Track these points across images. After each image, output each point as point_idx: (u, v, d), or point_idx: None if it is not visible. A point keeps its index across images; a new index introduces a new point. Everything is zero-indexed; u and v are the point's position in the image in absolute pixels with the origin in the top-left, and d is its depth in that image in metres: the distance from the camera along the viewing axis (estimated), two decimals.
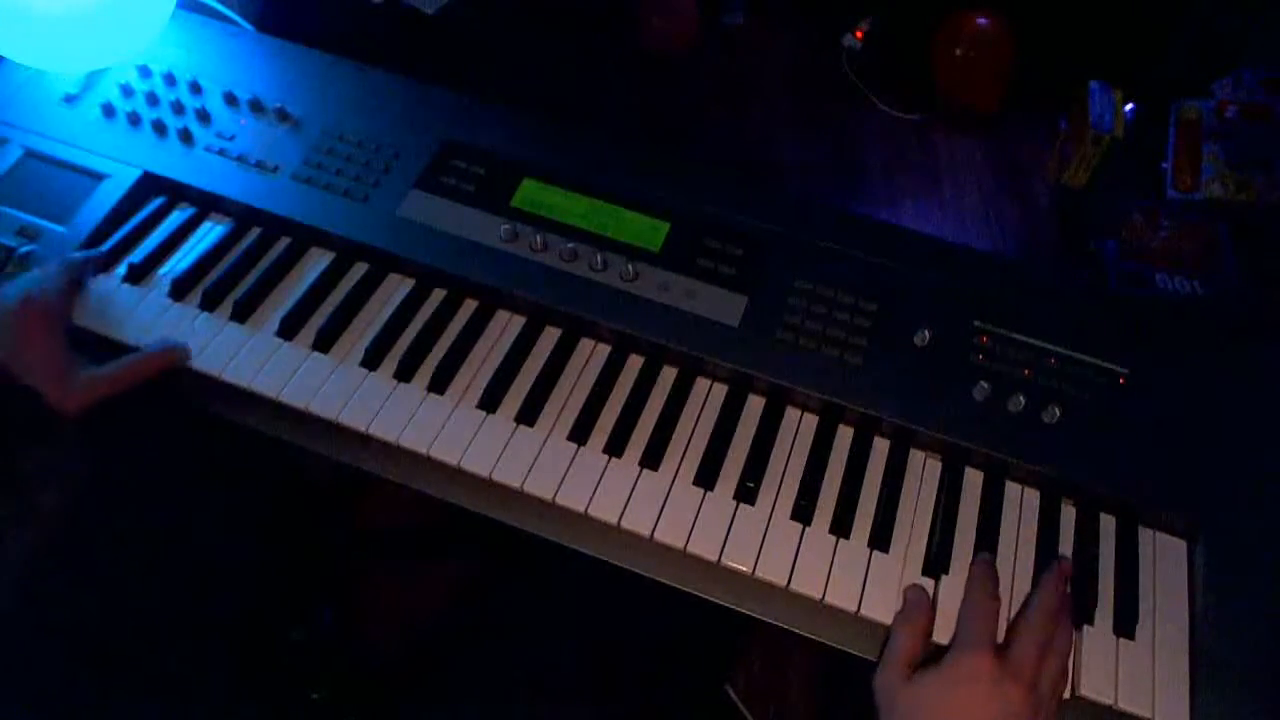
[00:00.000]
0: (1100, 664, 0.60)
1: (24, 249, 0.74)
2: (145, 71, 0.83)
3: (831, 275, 0.74)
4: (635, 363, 0.73)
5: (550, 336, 0.74)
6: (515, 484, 0.66)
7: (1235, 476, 0.65)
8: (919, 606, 0.61)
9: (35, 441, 0.64)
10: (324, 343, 0.72)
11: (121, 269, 0.74)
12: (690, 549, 0.64)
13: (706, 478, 0.67)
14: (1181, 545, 0.66)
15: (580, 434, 0.68)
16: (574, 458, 0.67)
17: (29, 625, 0.68)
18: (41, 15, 0.75)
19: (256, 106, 0.82)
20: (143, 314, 0.72)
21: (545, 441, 0.68)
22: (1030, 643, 0.57)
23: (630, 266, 0.73)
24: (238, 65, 0.85)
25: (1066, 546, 0.66)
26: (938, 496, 0.68)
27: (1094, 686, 0.59)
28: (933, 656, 0.59)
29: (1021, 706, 0.55)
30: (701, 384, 0.72)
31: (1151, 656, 0.60)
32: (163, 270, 0.75)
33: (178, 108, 0.81)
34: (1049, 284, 0.74)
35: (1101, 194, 0.91)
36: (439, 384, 0.70)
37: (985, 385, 0.68)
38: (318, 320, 0.73)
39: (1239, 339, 0.72)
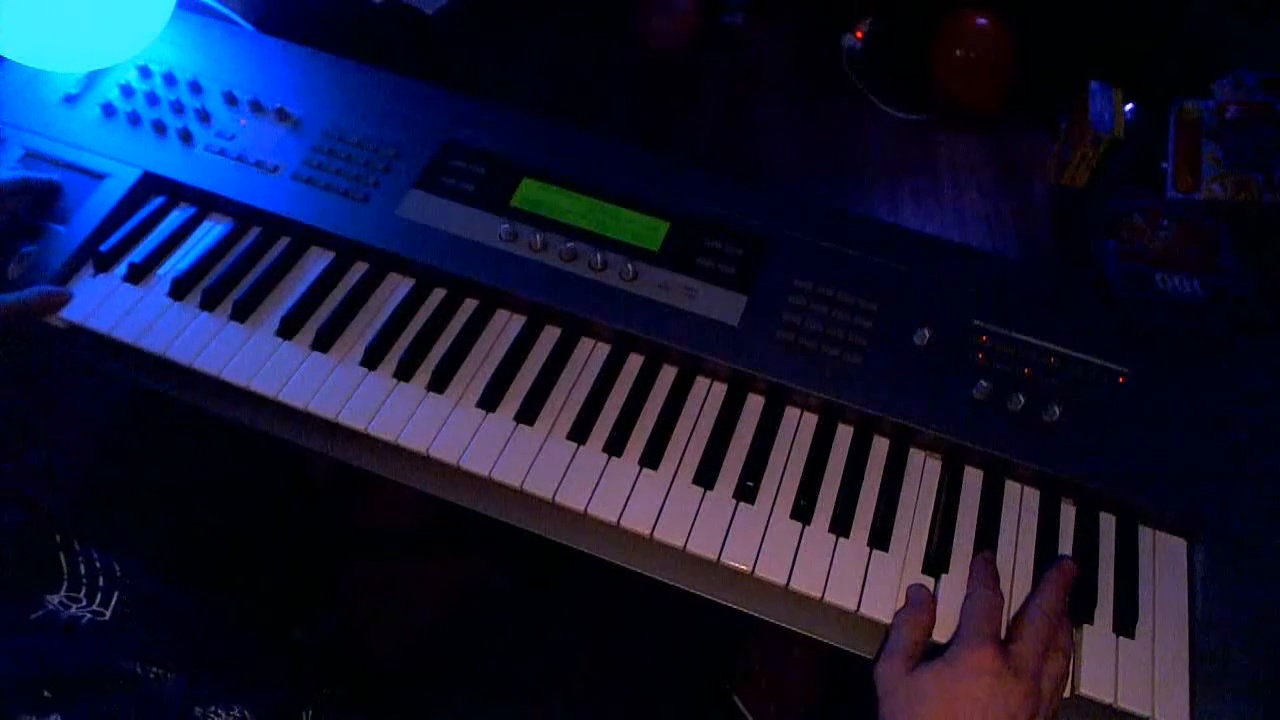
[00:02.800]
0: (1100, 663, 0.60)
1: (25, 249, 0.74)
2: (145, 71, 0.83)
3: (831, 275, 0.74)
4: (635, 362, 0.73)
5: (550, 336, 0.74)
6: (515, 483, 0.66)
7: (1235, 476, 0.65)
8: (922, 603, 0.61)
9: None
10: (324, 342, 0.72)
11: (122, 268, 0.74)
12: (690, 548, 0.64)
13: (706, 477, 0.67)
14: (1181, 545, 0.66)
15: (580, 433, 0.68)
16: (573, 457, 0.67)
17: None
18: (41, 15, 0.75)
19: (256, 106, 0.82)
20: (143, 313, 0.72)
21: (545, 441, 0.68)
22: (1033, 639, 0.57)
23: (630, 266, 0.73)
24: (238, 65, 0.85)
25: (1066, 546, 0.66)
26: (937, 495, 0.68)
27: (1094, 685, 0.59)
28: (933, 652, 0.59)
29: (1022, 702, 0.55)
30: (701, 383, 0.72)
31: (1151, 655, 0.60)
32: (163, 270, 0.75)
33: (178, 108, 0.81)
34: (1049, 284, 0.74)
35: (1101, 194, 0.91)
36: (439, 383, 0.70)
37: (985, 385, 0.68)
38: (317, 320, 0.73)
39: (1239, 339, 0.72)
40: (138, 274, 0.74)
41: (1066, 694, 0.59)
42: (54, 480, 0.80)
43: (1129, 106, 0.90)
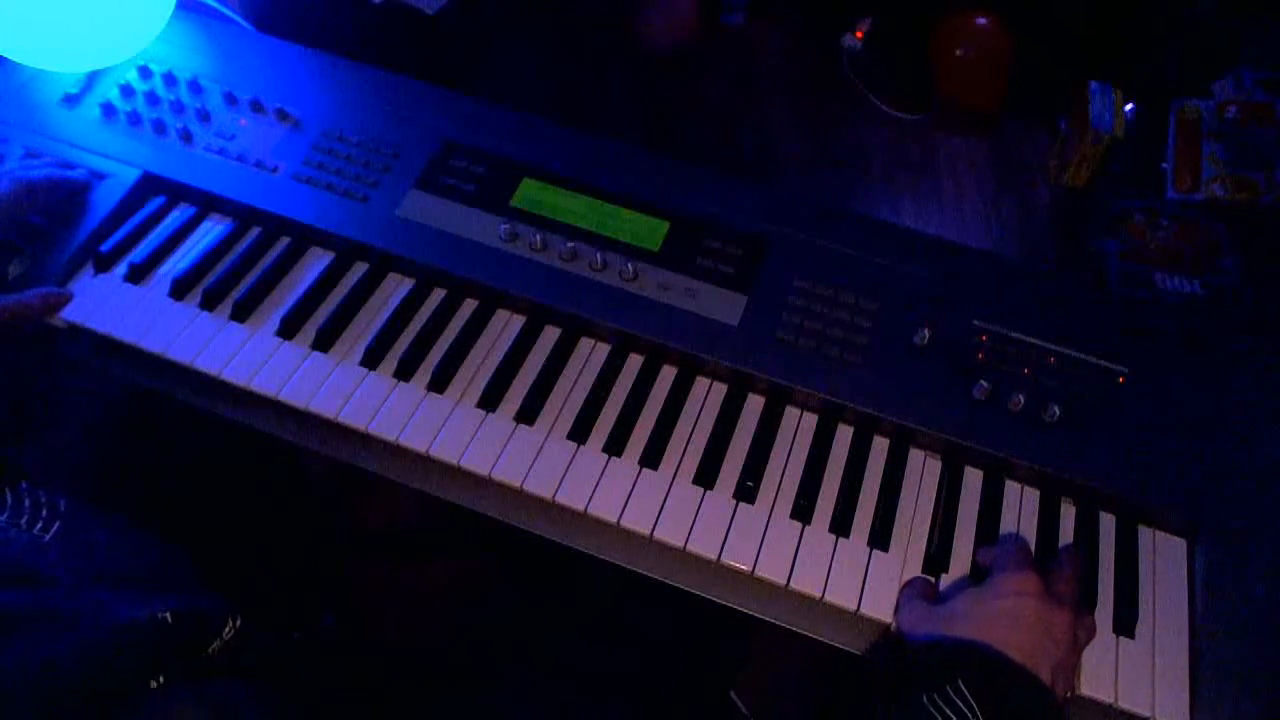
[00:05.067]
0: (1100, 663, 0.60)
1: (26, 249, 0.74)
2: (145, 71, 0.83)
3: (831, 275, 0.74)
4: (635, 362, 0.73)
5: (550, 336, 0.74)
6: (515, 483, 0.66)
7: (1235, 476, 0.65)
8: (925, 581, 0.62)
9: None
10: (324, 342, 0.72)
11: (122, 268, 0.74)
12: (690, 548, 0.64)
13: (706, 477, 0.67)
14: (1181, 544, 0.66)
15: (580, 433, 0.68)
16: (574, 457, 0.67)
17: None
18: (41, 15, 0.75)
19: (256, 106, 0.82)
20: (143, 313, 0.72)
21: (545, 440, 0.68)
22: (1071, 577, 0.57)
23: (630, 266, 0.73)
24: (238, 65, 0.85)
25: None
26: (937, 495, 0.68)
27: (1094, 685, 0.59)
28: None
29: (1066, 630, 0.53)
30: (701, 383, 0.72)
31: (1151, 655, 0.60)
32: (163, 270, 0.75)
33: (178, 108, 0.81)
34: (1049, 284, 0.74)
35: (1101, 194, 0.91)
36: (439, 383, 0.70)
37: (985, 385, 0.68)
38: (317, 320, 0.73)
39: (1239, 339, 0.72)
40: (138, 274, 0.74)
41: (1066, 695, 0.59)
42: (53, 479, 0.80)
43: (1129, 106, 0.90)
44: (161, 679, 0.48)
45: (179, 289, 0.74)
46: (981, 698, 0.48)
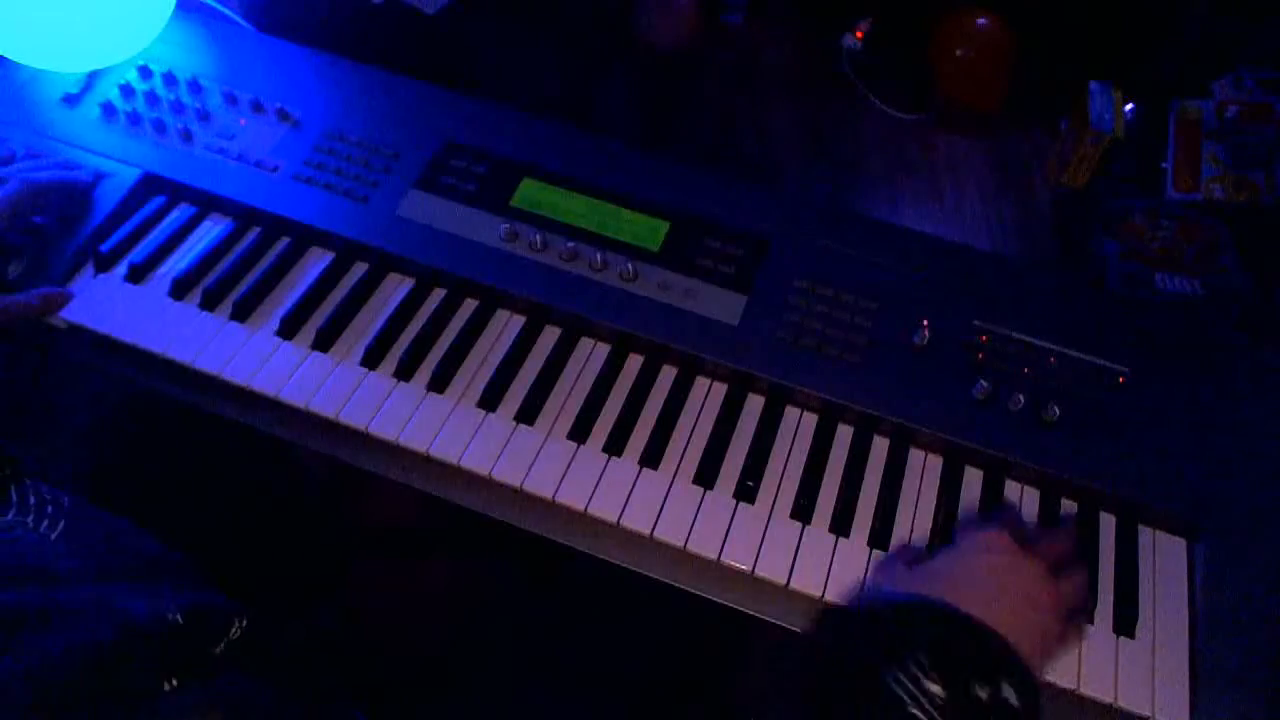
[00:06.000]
0: (1100, 662, 0.60)
1: (26, 249, 0.74)
2: (145, 71, 0.83)
3: (831, 275, 0.74)
4: (635, 362, 0.73)
5: (550, 336, 0.74)
6: (515, 483, 0.66)
7: (1235, 476, 0.65)
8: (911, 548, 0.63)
9: None
10: (324, 342, 0.72)
11: (122, 268, 0.74)
12: (690, 547, 0.64)
13: (706, 476, 0.67)
14: (1181, 544, 0.66)
15: (580, 433, 0.68)
16: (574, 456, 0.67)
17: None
18: (41, 15, 0.75)
19: (256, 106, 0.82)
20: (143, 313, 0.72)
21: (545, 440, 0.68)
22: (1049, 538, 0.58)
23: (630, 266, 0.73)
24: (238, 65, 0.85)
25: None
26: (938, 495, 0.68)
27: (1094, 685, 0.59)
28: None
29: (1041, 586, 0.53)
30: (701, 383, 0.72)
31: (1151, 655, 0.60)
32: (163, 269, 0.75)
33: (178, 108, 0.81)
34: (1049, 284, 0.74)
35: (1101, 194, 0.91)
36: (439, 383, 0.70)
37: (985, 385, 0.68)
38: (317, 319, 0.73)
39: (1239, 339, 0.72)
40: (138, 274, 0.74)
41: (1072, 686, 0.58)
42: (53, 479, 0.80)
43: (1129, 106, 0.90)
44: (175, 681, 0.48)
45: (179, 289, 0.74)
46: (934, 648, 0.48)
